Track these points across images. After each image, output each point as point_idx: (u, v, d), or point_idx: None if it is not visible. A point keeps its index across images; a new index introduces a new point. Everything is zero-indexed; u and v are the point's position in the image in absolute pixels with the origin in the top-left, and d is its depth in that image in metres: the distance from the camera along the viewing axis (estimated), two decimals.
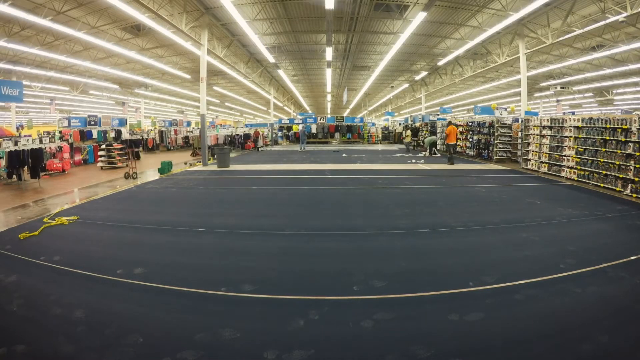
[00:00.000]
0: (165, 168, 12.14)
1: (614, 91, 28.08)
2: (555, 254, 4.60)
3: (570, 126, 10.80)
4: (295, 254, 4.71)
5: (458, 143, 19.19)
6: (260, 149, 24.21)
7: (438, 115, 26.92)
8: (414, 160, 16.07)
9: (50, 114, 33.50)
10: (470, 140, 18.06)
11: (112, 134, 19.37)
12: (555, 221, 6.22)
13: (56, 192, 9.24)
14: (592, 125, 9.99)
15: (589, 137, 10.10)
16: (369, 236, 5.42)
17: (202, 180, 10.99)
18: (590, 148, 10.03)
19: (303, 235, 5.47)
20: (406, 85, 30.65)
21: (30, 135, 19.26)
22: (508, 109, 18.42)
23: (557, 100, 31.55)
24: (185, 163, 14.85)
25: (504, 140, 15.62)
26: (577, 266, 4.18)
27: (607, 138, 9.42)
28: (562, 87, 23.98)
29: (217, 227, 5.83)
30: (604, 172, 9.47)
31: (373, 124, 34.81)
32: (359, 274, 3.97)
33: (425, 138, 20.89)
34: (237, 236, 5.45)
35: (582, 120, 10.39)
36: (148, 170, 13.09)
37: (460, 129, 19.03)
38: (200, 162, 15.16)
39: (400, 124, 34.23)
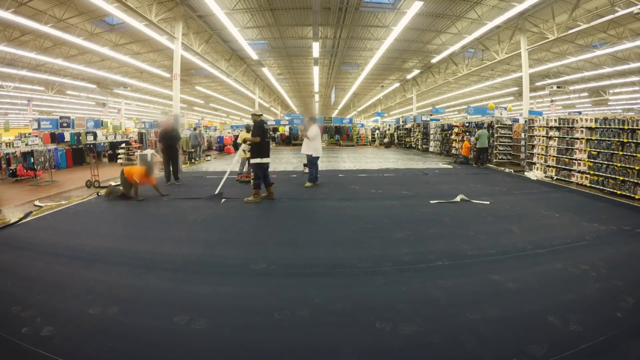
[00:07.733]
0: None
1: (610, 91, 27.51)
2: (605, 292, 3.55)
3: (582, 127, 9.84)
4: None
5: (454, 145, 18.27)
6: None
7: (431, 115, 26.00)
8: None
9: (29, 115, 31.71)
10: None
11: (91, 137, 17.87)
12: (586, 241, 5.19)
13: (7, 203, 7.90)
14: (607, 126, 9.03)
15: (603, 139, 9.16)
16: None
17: (173, 187, 9.67)
18: (605, 151, 9.08)
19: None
20: (397, 84, 29.68)
21: None
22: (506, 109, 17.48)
23: (551, 101, 30.90)
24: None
25: (504, 142, 14.64)
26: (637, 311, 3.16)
27: (625, 140, 8.49)
28: (558, 87, 23.22)
29: (167, 260, 4.44)
30: (620, 178, 8.54)
31: (362, 125, 33.79)
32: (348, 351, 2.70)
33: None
34: (190, 277, 4.06)
35: (596, 120, 9.43)
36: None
37: (456, 129, 18.06)
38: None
39: (390, 125, 33.24)
